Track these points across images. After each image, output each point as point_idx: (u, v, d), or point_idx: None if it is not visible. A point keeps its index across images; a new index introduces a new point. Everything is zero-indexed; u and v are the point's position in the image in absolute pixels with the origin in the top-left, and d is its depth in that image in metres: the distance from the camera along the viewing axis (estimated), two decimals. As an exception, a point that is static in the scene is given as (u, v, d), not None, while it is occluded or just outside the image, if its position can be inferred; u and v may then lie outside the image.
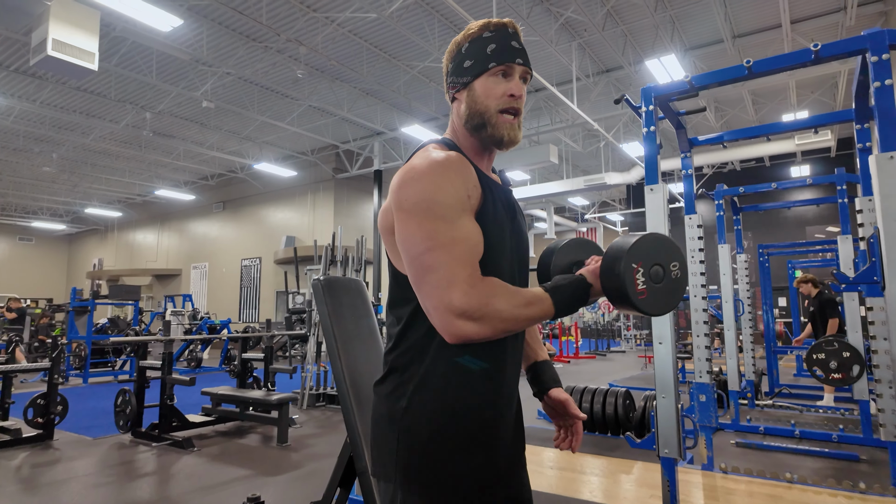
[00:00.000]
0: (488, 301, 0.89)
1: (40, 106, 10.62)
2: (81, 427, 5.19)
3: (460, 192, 0.95)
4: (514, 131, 1.05)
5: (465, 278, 0.90)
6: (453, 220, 0.93)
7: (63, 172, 15.08)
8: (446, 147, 1.06)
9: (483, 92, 1.04)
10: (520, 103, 1.05)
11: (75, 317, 9.04)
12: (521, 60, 1.05)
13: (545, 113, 11.75)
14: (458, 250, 0.91)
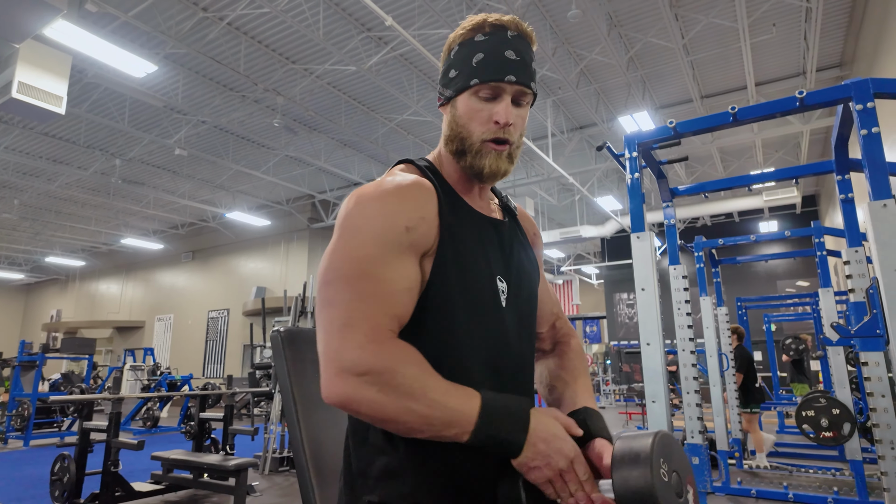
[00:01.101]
0: (393, 366, 0.69)
1: (4, 151, 10.28)
2: (10, 498, 4.65)
3: (398, 220, 0.77)
4: (499, 162, 0.86)
5: (369, 329, 0.71)
6: (380, 258, 0.75)
7: (25, 220, 14.53)
8: (417, 170, 0.90)
9: (465, 113, 0.87)
10: (510, 132, 0.86)
11: (22, 372, 8.40)
12: (513, 78, 0.84)
13: (521, 167, 11.90)
14: (368, 290, 0.73)
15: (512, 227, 0.97)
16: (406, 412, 0.68)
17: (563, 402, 0.95)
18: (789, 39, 7.71)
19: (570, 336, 1.10)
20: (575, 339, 1.10)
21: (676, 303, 3.50)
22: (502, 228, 0.93)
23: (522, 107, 0.89)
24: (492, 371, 0.83)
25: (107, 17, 6.79)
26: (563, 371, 1.00)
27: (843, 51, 8.09)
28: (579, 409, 0.91)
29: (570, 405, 0.93)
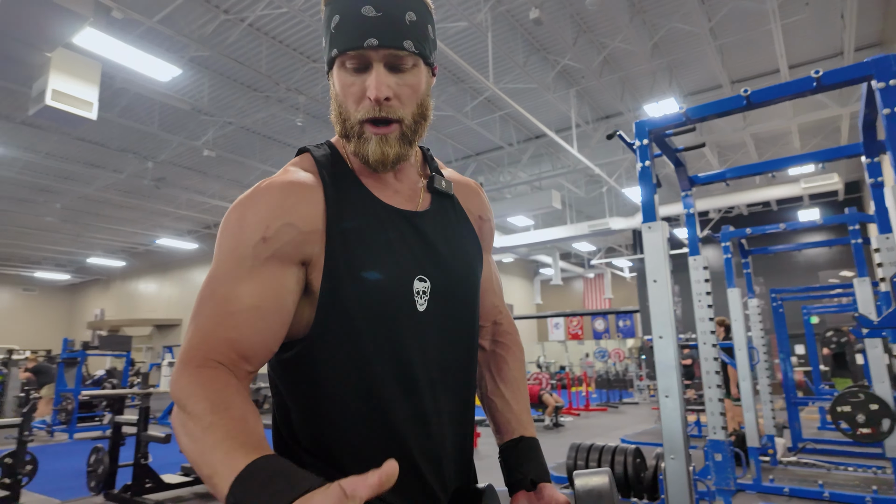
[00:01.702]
0: (186, 400, 0.62)
1: (43, 157, 10.74)
2: (52, 488, 4.86)
3: (252, 232, 0.70)
4: (384, 147, 0.75)
5: (188, 349, 0.66)
6: (227, 273, 0.69)
7: (66, 223, 15.14)
8: (311, 160, 0.80)
9: (341, 90, 0.76)
10: (389, 108, 0.73)
11: (65, 368, 8.77)
12: (374, 41, 0.70)
13: (546, 159, 11.74)
14: (205, 312, 0.68)
15: (440, 213, 0.86)
16: (188, 452, 0.59)
17: (501, 428, 0.91)
18: (825, 18, 7.35)
19: (511, 335, 1.01)
20: (516, 337, 1.02)
21: (697, 295, 3.39)
22: (419, 220, 0.82)
23: (406, 72, 0.74)
24: (406, 384, 0.76)
25: (132, 23, 6.98)
26: (503, 384, 0.94)
27: (882, 29, 7.68)
28: (515, 438, 0.88)
29: (507, 431, 0.90)
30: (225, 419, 0.59)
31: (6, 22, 5.28)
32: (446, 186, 0.89)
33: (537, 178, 11.90)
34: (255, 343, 0.68)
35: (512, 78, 8.55)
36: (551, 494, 0.82)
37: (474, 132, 10.52)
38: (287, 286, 0.71)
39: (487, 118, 9.94)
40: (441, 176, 0.90)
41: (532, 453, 0.87)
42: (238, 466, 0.53)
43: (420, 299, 0.78)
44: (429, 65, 0.80)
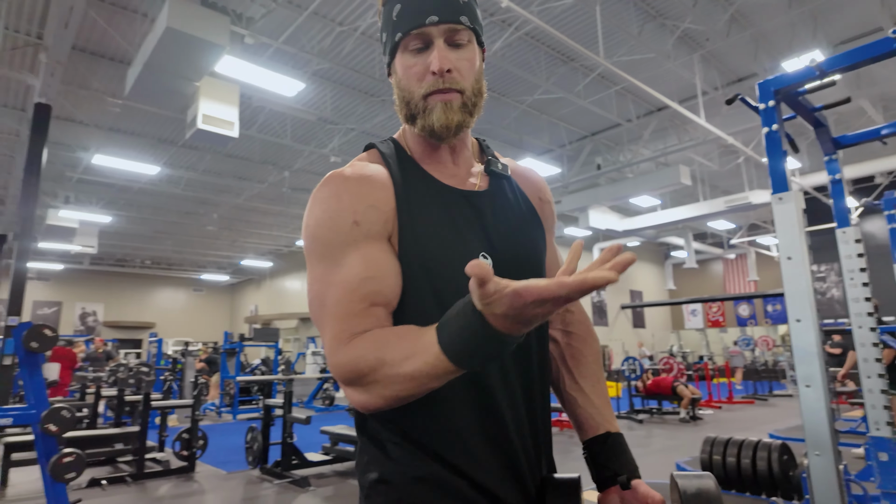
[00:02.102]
0: (359, 361, 0.67)
1: (201, 174, 12.34)
2: (220, 461, 5.60)
3: (344, 219, 0.75)
4: (448, 113, 0.78)
5: (334, 336, 0.70)
6: (334, 260, 0.74)
7: (223, 230, 17.25)
8: (377, 153, 0.86)
9: (403, 74, 0.81)
10: (454, 80, 0.78)
11: (227, 358, 10.05)
12: (435, 17, 0.76)
13: (671, 132, 10.93)
14: (331, 299, 0.72)
15: (499, 193, 0.88)
16: (396, 396, 0.66)
17: (583, 423, 0.89)
18: None
19: (584, 324, 0.98)
20: (589, 326, 0.99)
21: (848, 272, 2.97)
22: (478, 199, 0.84)
23: (464, 47, 0.80)
24: None
25: (262, 46, 7.72)
26: (581, 378, 0.92)
27: None
28: (602, 434, 0.87)
29: (590, 427, 0.88)
30: (395, 347, 0.65)
31: (163, 59, 6.14)
32: (502, 168, 0.91)
33: (662, 154, 11.11)
34: (383, 300, 0.74)
35: (626, 50, 8.08)
36: (646, 493, 0.80)
37: (588, 111, 10.12)
38: (385, 255, 0.76)
39: (602, 95, 9.50)
40: (497, 160, 0.93)
41: (621, 449, 0.86)
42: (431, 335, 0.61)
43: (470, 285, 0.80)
44: (480, 44, 0.85)
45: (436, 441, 0.76)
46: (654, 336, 21.54)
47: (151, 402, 5.16)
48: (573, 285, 0.50)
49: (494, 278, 0.53)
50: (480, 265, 0.52)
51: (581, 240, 0.60)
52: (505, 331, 0.55)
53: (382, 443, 0.78)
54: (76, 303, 21.22)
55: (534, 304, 0.52)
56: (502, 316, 0.54)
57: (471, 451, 0.76)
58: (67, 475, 2.95)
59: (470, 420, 0.76)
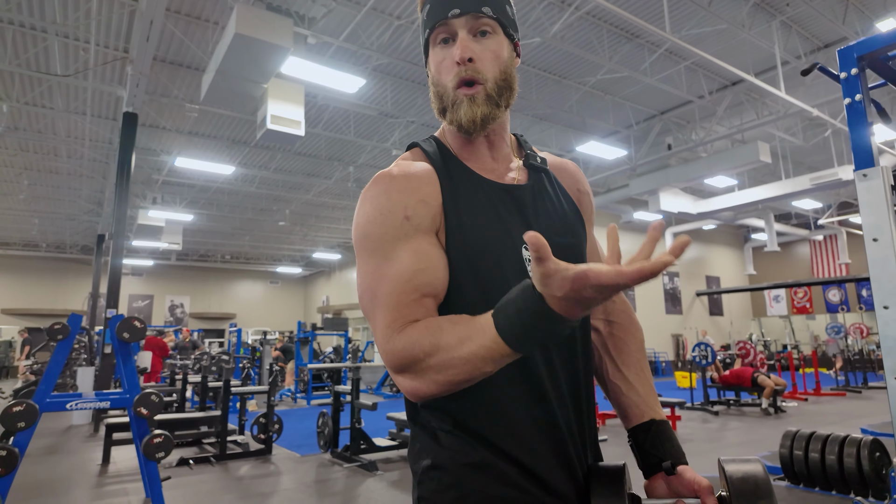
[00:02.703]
0: (413, 347, 0.68)
1: (273, 172, 12.93)
2: (294, 444, 5.91)
3: (396, 214, 0.77)
4: (473, 108, 0.80)
5: (387, 324, 0.72)
6: (386, 254, 0.75)
7: (295, 225, 18.02)
8: (420, 151, 0.87)
9: (434, 68, 0.84)
10: (476, 69, 0.80)
11: (301, 347, 10.54)
12: (457, 10, 0.79)
13: (748, 107, 10.25)
14: (383, 290, 0.74)
15: (539, 186, 0.89)
16: (451, 381, 0.67)
17: (627, 411, 0.88)
18: None
19: (626, 313, 0.97)
20: (632, 315, 0.98)
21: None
22: (520, 193, 0.86)
23: (489, 36, 0.82)
24: None
25: (324, 45, 7.95)
26: (625, 367, 0.91)
27: None
28: (647, 422, 0.86)
29: (635, 415, 0.87)
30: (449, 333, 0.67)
31: (234, 64, 6.47)
32: (541, 162, 0.93)
33: (738, 131, 10.46)
34: (433, 291, 0.76)
35: (696, 22, 7.63)
36: (692, 478, 0.79)
37: (656, 89, 9.67)
38: (435, 249, 0.78)
39: (670, 71, 9.04)
40: (535, 154, 0.94)
41: (666, 436, 0.85)
42: (488, 320, 0.63)
43: (530, 266, 0.81)
44: (509, 36, 0.85)
45: (486, 428, 0.77)
46: (733, 324, 20.42)
47: (231, 388, 5.51)
48: (631, 274, 0.51)
49: (554, 259, 0.55)
50: (538, 239, 0.53)
51: (615, 225, 0.59)
52: (563, 313, 0.57)
53: (434, 431, 0.80)
54: (166, 295, 22.94)
55: (594, 288, 0.53)
56: (562, 298, 0.55)
57: (520, 438, 0.77)
58: (158, 454, 3.22)
59: (518, 407, 0.78)
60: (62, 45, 7.76)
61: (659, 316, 18.32)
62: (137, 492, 4.06)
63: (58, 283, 20.78)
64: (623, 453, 0.88)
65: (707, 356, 7.92)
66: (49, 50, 7.87)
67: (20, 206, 15.15)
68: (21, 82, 8.75)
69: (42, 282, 20.55)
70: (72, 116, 9.82)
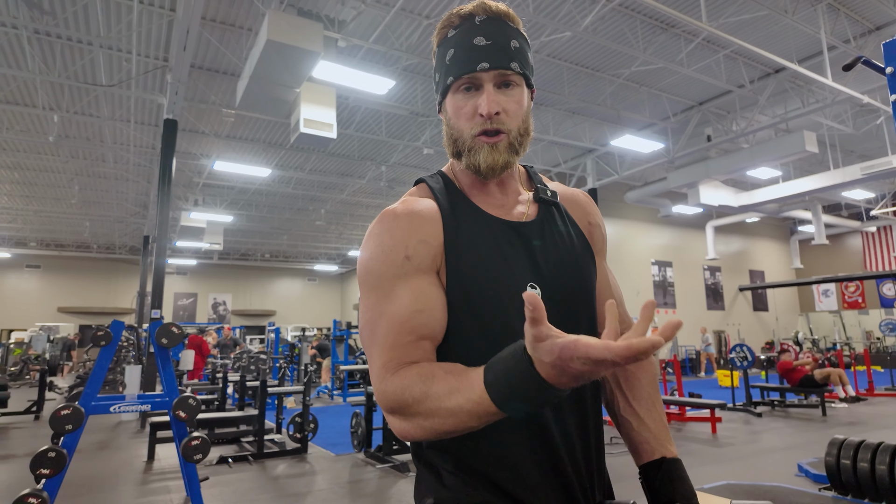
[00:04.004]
0: (403, 393, 0.68)
1: (308, 173, 13.16)
2: (330, 443, 6.02)
3: (397, 254, 0.77)
4: (494, 155, 0.81)
5: (382, 364, 0.73)
6: (386, 293, 0.76)
7: (331, 224, 18.32)
8: (427, 188, 0.88)
9: (453, 113, 0.84)
10: (499, 121, 0.80)
11: (337, 344, 10.71)
12: (486, 65, 0.80)
13: (792, 95, 9.81)
14: (381, 330, 0.75)
15: (548, 221, 0.88)
16: (437, 430, 0.68)
17: (638, 448, 0.86)
18: None
19: None
20: None
21: None
22: (527, 230, 0.85)
23: (513, 89, 0.82)
24: None
25: (354, 48, 8.02)
26: (636, 402, 0.89)
27: None
28: (657, 460, 0.83)
29: (646, 451, 0.85)
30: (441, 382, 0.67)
31: (267, 70, 6.59)
32: (551, 195, 0.92)
33: (782, 120, 10.03)
34: (430, 333, 0.76)
35: (735, 9, 7.35)
36: None
37: (693, 80, 9.37)
38: (434, 289, 0.78)
39: (708, 61, 8.74)
40: (546, 187, 0.93)
41: (677, 475, 0.82)
42: (478, 377, 0.62)
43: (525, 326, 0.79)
44: (529, 86, 0.87)
45: (488, 469, 0.77)
46: (779, 320, 19.67)
47: (268, 388, 5.65)
48: (620, 350, 0.50)
49: (548, 324, 0.54)
50: (536, 300, 0.52)
51: (612, 301, 0.56)
52: (551, 381, 0.55)
53: (437, 470, 0.81)
54: (209, 293, 23.71)
55: (580, 360, 0.52)
56: (550, 365, 0.54)
57: (523, 479, 0.76)
58: (196, 456, 3.34)
59: (522, 448, 0.77)
60: (106, 56, 8.08)
61: (700, 312, 17.81)
62: (179, 489, 4.22)
63: (108, 282, 21.76)
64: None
65: (747, 357, 7.65)
66: (94, 61, 8.22)
67: (72, 210, 15.91)
68: (70, 93, 9.17)
69: (94, 281, 21.55)
70: (117, 124, 10.23)
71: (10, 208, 15.67)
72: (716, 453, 5.21)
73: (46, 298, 20.78)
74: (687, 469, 0.82)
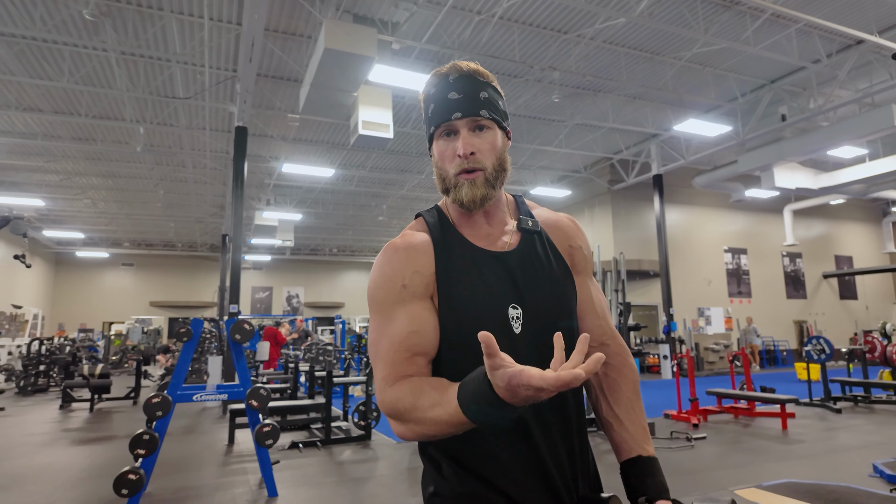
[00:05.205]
0: (397, 403, 0.83)
1: (369, 171, 13.59)
2: (391, 431, 6.30)
3: (395, 283, 0.92)
4: (473, 189, 0.93)
5: (382, 378, 0.88)
6: (387, 316, 0.91)
7: (392, 219, 18.80)
8: (423, 222, 1.02)
9: (438, 157, 0.97)
10: (474, 160, 0.93)
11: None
12: (459, 114, 0.93)
13: (877, 67, 9.06)
14: (383, 348, 0.89)
15: (528, 249, 0.99)
16: (423, 434, 0.82)
17: (618, 447, 0.97)
18: None
19: (621, 356, 1.04)
20: (626, 358, 1.04)
21: None
22: (508, 258, 0.97)
23: (486, 132, 0.95)
24: None
25: (407, 49, 8.22)
26: (616, 405, 0.99)
27: None
28: (633, 458, 0.94)
29: (624, 450, 0.96)
30: (428, 396, 0.80)
31: (326, 78, 6.91)
32: (533, 224, 1.03)
33: (866, 94, 9.29)
34: (423, 350, 0.90)
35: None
36: None
37: (762, 58, 8.88)
38: (427, 314, 0.92)
39: (778, 37, 8.24)
40: (530, 217, 1.05)
41: (650, 472, 0.92)
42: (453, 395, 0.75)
43: (515, 323, 0.93)
44: (503, 129, 0.99)
45: (477, 463, 0.91)
46: (869, 309, 18.22)
47: (333, 378, 6.00)
48: (550, 381, 0.62)
49: (502, 354, 0.66)
50: (489, 338, 0.65)
51: (559, 334, 0.70)
52: (507, 400, 0.67)
53: (438, 463, 0.95)
54: (283, 287, 24.98)
55: (524, 387, 0.64)
56: (504, 388, 0.66)
57: (506, 472, 0.89)
58: (267, 441, 3.66)
59: (507, 448, 0.90)
60: (182, 71, 8.74)
61: (779, 301, 16.83)
62: (255, 471, 4.61)
63: (192, 278, 23.44)
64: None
65: (824, 350, 7.23)
66: (172, 76, 8.91)
67: (158, 213, 17.27)
68: (153, 106, 9.99)
69: (179, 277, 23.30)
70: (194, 132, 11.03)
71: (106, 213, 17.24)
72: (784, 450, 5.02)
73: (140, 293, 22.70)
74: (749, 466, 0.93)
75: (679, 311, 14.24)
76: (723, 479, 4.05)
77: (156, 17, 7.33)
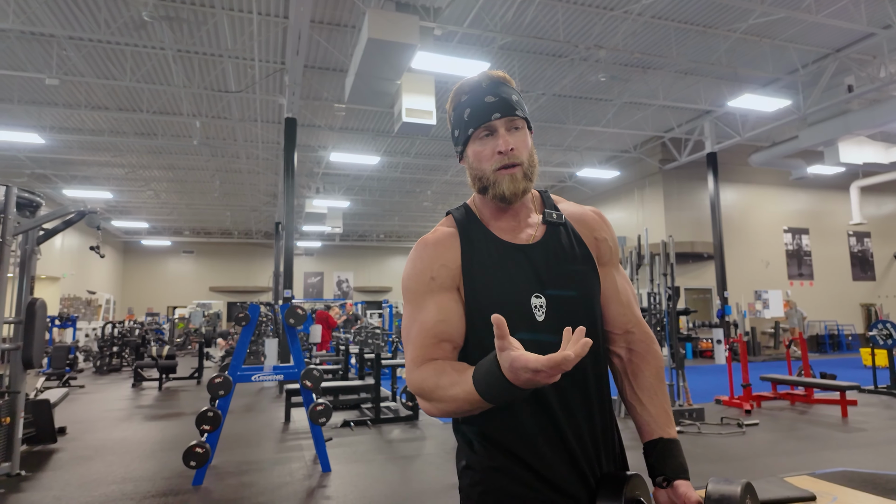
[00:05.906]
0: (423, 382, 0.91)
1: (414, 157, 13.72)
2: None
3: (425, 275, 1.00)
4: (514, 183, 1.00)
5: (411, 359, 0.96)
6: (418, 305, 1.00)
7: (437, 204, 18.93)
8: (452, 219, 1.09)
9: (474, 157, 1.03)
10: (514, 155, 1.00)
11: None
12: (498, 114, 1.00)
13: (958, 31, 8.35)
14: (413, 333, 0.98)
15: (552, 241, 1.05)
16: (445, 411, 0.91)
17: (641, 429, 1.04)
18: None
19: (645, 343, 1.09)
20: (650, 346, 1.08)
21: None
22: (532, 250, 1.03)
23: (519, 130, 1.02)
24: None
25: (449, 34, 8.22)
26: (640, 390, 1.05)
27: None
28: (655, 440, 1.01)
29: (646, 432, 1.03)
30: (449, 375, 0.89)
31: (370, 67, 7.03)
32: (557, 217, 1.08)
33: (944, 62, 8.59)
34: (449, 337, 0.98)
35: (873, -59, 6.43)
36: (685, 492, 0.93)
37: (825, 26, 8.35)
38: (454, 304, 1.00)
39: (844, 2, 7.73)
40: (555, 210, 1.10)
41: (670, 453, 0.98)
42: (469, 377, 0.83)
43: (538, 312, 0.99)
44: (529, 128, 1.07)
45: (505, 440, 0.98)
46: (948, 291, 16.97)
47: (381, 360, 6.21)
48: (544, 363, 0.69)
49: (511, 338, 0.73)
50: (500, 320, 0.72)
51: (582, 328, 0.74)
52: (512, 381, 0.74)
53: (470, 439, 1.03)
54: (334, 272, 25.69)
55: (523, 369, 0.71)
56: (508, 370, 0.73)
57: (532, 448, 0.97)
58: (320, 419, 3.87)
59: (531, 424, 0.97)
60: (234, 65, 9.07)
61: (844, 283, 15.95)
62: (310, 448, 4.87)
63: (248, 264, 24.46)
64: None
65: (891, 335, 6.85)
66: (225, 71, 9.27)
67: (215, 202, 18.06)
68: (207, 100, 10.42)
69: (236, 263, 24.35)
70: (246, 124, 11.44)
71: (167, 203, 18.19)
72: (842, 438, 4.84)
73: (200, 279, 23.90)
74: (803, 454, 0.98)
75: (734, 295, 13.75)
76: (773, 465, 3.97)
77: (208, 14, 7.63)
